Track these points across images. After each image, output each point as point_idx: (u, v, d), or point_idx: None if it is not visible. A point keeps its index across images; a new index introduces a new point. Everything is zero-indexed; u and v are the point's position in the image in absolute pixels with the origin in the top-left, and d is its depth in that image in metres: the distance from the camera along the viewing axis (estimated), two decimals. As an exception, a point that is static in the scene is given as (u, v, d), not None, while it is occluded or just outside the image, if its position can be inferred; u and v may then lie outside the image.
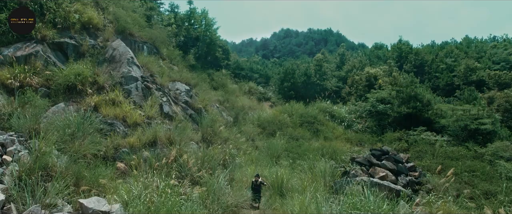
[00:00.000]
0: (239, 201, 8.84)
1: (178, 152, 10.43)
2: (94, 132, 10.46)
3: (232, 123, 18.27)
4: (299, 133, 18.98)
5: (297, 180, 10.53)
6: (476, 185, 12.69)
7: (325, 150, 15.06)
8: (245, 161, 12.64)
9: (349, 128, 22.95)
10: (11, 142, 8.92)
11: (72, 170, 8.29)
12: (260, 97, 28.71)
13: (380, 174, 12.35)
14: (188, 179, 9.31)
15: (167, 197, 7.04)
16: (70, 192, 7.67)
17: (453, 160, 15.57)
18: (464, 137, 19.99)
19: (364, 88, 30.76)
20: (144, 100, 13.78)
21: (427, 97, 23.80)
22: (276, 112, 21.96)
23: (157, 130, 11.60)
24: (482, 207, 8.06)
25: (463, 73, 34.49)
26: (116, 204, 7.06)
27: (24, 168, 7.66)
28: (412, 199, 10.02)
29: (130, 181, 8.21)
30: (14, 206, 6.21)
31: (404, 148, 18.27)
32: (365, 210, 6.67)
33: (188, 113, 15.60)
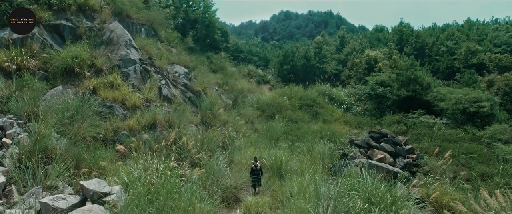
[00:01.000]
0: (238, 182, 8.93)
1: (177, 134, 10.45)
2: (93, 115, 10.45)
3: (231, 106, 18.26)
4: (298, 115, 19.01)
5: (296, 162, 10.62)
6: (473, 167, 12.83)
7: (324, 133, 15.13)
8: (244, 144, 12.70)
9: (348, 110, 22.99)
10: (10, 125, 8.92)
11: (72, 153, 8.33)
12: (259, 80, 28.60)
13: (379, 156, 12.45)
14: (188, 161, 9.37)
15: (167, 178, 7.10)
16: (70, 174, 7.73)
17: (451, 143, 15.69)
18: (463, 120, 20.07)
19: (364, 71, 30.63)
20: (142, 83, 13.71)
21: (427, 80, 23.75)
22: (275, 95, 21.93)
23: (156, 112, 11.59)
24: (478, 188, 8.16)
25: (463, 56, 34.27)
26: (117, 186, 7.13)
27: (24, 151, 7.68)
28: (410, 180, 10.14)
29: (130, 163, 8.27)
30: (15, 188, 6.27)
31: (403, 131, 18.37)
32: (363, 191, 6.75)
33: (187, 96, 15.57)
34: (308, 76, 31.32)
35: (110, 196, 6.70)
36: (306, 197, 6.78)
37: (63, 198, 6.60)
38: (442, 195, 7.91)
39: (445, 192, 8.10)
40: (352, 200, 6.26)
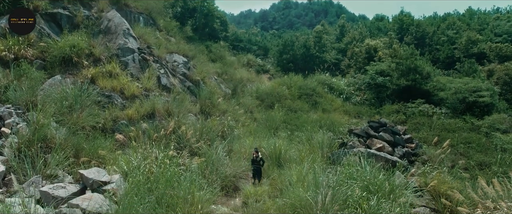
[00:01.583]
0: (237, 171, 8.97)
1: (177, 123, 10.46)
2: (92, 104, 10.43)
3: (231, 95, 18.23)
4: (298, 105, 19.00)
5: (295, 151, 10.65)
6: (471, 156, 12.90)
7: (323, 122, 15.15)
8: (244, 133, 12.73)
9: (347, 100, 22.97)
10: (9, 114, 8.91)
11: (71, 142, 8.34)
12: (258, 70, 28.46)
13: (377, 145, 12.49)
14: (187, 150, 9.39)
15: (166, 167, 7.12)
16: (70, 163, 7.76)
17: (449, 132, 15.73)
18: (462, 109, 20.08)
19: (364, 60, 30.47)
20: (141, 73, 13.65)
21: (427, 69, 23.66)
22: (275, 84, 21.87)
23: (155, 102, 11.57)
24: (476, 177, 8.20)
25: (464, 46, 34.07)
26: (116, 175, 7.16)
27: (23, 140, 7.69)
28: (408, 169, 10.19)
29: (129, 153, 8.28)
30: (15, 177, 6.28)
31: (402, 120, 18.39)
32: (361, 180, 6.79)
33: (186, 85, 15.52)
34: (308, 65, 31.15)
35: (109, 184, 6.74)
36: (305, 186, 6.82)
37: (63, 186, 6.63)
38: (440, 184, 7.95)
39: (443, 181, 8.14)
40: (351, 188, 6.30)
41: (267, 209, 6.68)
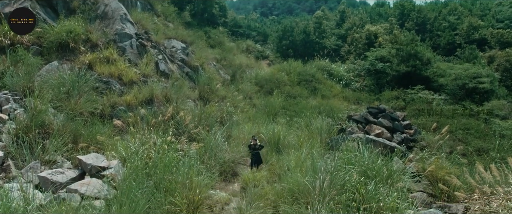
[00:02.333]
0: (236, 157, 8.99)
1: (175, 109, 10.42)
2: (90, 90, 10.36)
3: (230, 81, 18.14)
4: (297, 91, 18.94)
5: (293, 137, 10.65)
6: (470, 142, 12.95)
7: (322, 108, 15.13)
8: (243, 119, 12.71)
9: (347, 86, 22.90)
10: (6, 100, 8.86)
11: (69, 128, 8.31)
12: (258, 56, 28.24)
13: (376, 131, 12.50)
14: (185, 136, 9.39)
15: (165, 153, 7.12)
16: (68, 149, 7.75)
17: (448, 118, 15.74)
18: (462, 95, 20.06)
19: (364, 46, 30.26)
20: (139, 58, 13.53)
21: (427, 55, 23.52)
22: (274, 70, 21.76)
23: (153, 88, 11.50)
24: (474, 163, 8.22)
25: (465, 32, 33.78)
26: (115, 160, 7.16)
27: (20, 126, 7.66)
28: (406, 155, 10.22)
29: (127, 138, 8.28)
30: (13, 163, 6.29)
31: (401, 107, 18.38)
32: (359, 165, 6.80)
33: (184, 71, 15.42)
34: (307, 51, 30.91)
35: (108, 170, 6.74)
36: (303, 171, 6.83)
37: (62, 172, 6.64)
38: (437, 170, 7.98)
39: (441, 167, 8.16)
40: (348, 173, 6.31)
41: (265, 194, 6.72)
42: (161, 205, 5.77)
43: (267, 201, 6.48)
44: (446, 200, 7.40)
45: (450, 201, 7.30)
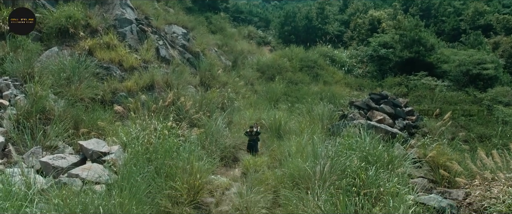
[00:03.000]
0: (237, 142, 9.00)
1: (176, 95, 10.39)
2: (90, 76, 10.33)
3: (231, 67, 18.02)
4: (299, 77, 18.82)
5: (295, 122, 10.63)
6: (472, 129, 12.88)
7: (324, 94, 15.05)
8: (244, 105, 12.68)
9: (349, 72, 22.73)
10: (6, 86, 8.85)
11: (70, 114, 8.32)
12: (259, 42, 27.97)
13: (378, 117, 12.45)
14: (186, 122, 9.39)
15: (165, 138, 7.13)
16: (69, 134, 7.77)
17: (451, 105, 15.64)
18: (465, 82, 19.87)
19: (367, 32, 29.87)
20: (139, 44, 13.42)
21: (431, 41, 23.21)
22: (276, 56, 21.57)
23: (154, 73, 11.44)
24: (476, 149, 8.18)
25: (470, 17, 33.23)
26: (115, 146, 7.18)
27: (21, 112, 7.67)
28: (408, 141, 10.19)
29: (128, 124, 8.28)
30: (14, 148, 6.31)
31: (404, 93, 18.26)
32: (360, 151, 6.78)
33: (185, 57, 15.31)
34: (310, 37, 30.56)
35: (109, 155, 6.77)
36: (304, 157, 6.83)
37: (63, 157, 6.67)
38: (439, 156, 7.95)
39: (442, 153, 8.13)
40: (349, 159, 6.30)
41: (266, 179, 6.74)
42: (162, 189, 5.80)
43: (268, 186, 6.50)
44: (446, 186, 7.40)
45: (451, 187, 7.29)
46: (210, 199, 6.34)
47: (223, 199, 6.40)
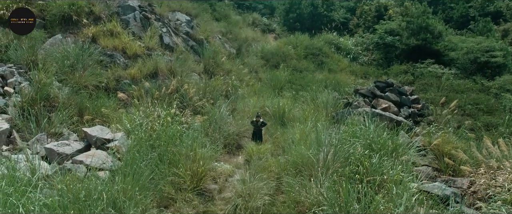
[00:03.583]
0: (240, 130, 8.98)
1: (179, 82, 10.36)
2: (94, 64, 10.33)
3: (235, 55, 17.89)
4: (303, 65, 18.64)
5: (299, 110, 10.59)
6: (478, 117, 12.75)
7: (329, 82, 14.92)
8: (248, 93, 12.62)
9: (354, 60, 22.47)
10: (11, 73, 8.88)
11: (74, 101, 8.36)
12: (264, 29, 27.66)
13: (383, 105, 12.35)
14: (190, 109, 9.38)
15: (169, 125, 7.13)
16: (74, 121, 7.82)
17: (458, 93, 15.45)
18: (473, 70, 19.55)
19: (373, 19, 29.40)
20: (143, 31, 13.35)
21: (439, 28, 22.76)
22: (281, 44, 21.35)
23: (157, 61, 11.40)
24: (482, 138, 8.09)
25: (479, 4, 32.51)
26: (119, 133, 7.21)
27: (26, 99, 7.71)
28: (413, 129, 10.11)
29: (132, 111, 8.29)
30: (18, 135, 6.36)
31: (410, 81, 18.05)
32: (364, 138, 6.74)
33: (189, 44, 15.21)
34: (315, 25, 30.18)
35: (113, 142, 6.81)
36: (307, 144, 6.80)
37: (68, 144, 6.72)
38: (444, 144, 7.89)
39: (447, 141, 8.06)
40: (353, 146, 6.26)
41: (269, 166, 6.74)
42: (165, 176, 5.83)
43: (271, 173, 6.51)
44: (451, 174, 7.36)
45: (456, 175, 7.25)
46: (213, 186, 6.36)
47: (226, 185, 6.42)
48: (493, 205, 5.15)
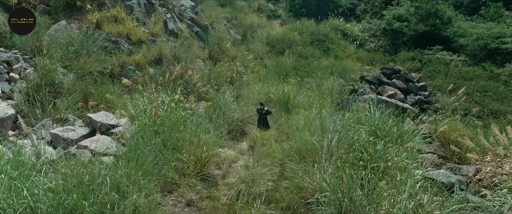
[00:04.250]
0: (244, 116, 8.97)
1: (184, 68, 10.32)
2: (99, 50, 10.32)
3: (240, 41, 17.73)
4: (309, 51, 18.42)
5: (304, 97, 10.52)
6: (486, 105, 12.55)
7: (335, 69, 14.75)
8: (253, 79, 12.55)
9: (361, 47, 22.14)
10: (16, 59, 8.91)
11: (79, 87, 8.39)
12: (270, 15, 27.29)
13: (389, 92, 12.20)
14: (194, 95, 9.37)
15: (173, 111, 7.13)
16: (79, 107, 7.86)
17: (466, 80, 15.20)
18: (482, 56, 19.15)
19: (381, 4, 28.81)
20: (147, 17, 13.25)
21: (448, 14, 22.25)
22: (286, 30, 21.08)
23: (162, 47, 11.35)
24: (489, 125, 7.97)
25: (491, -12, 31.64)
26: (124, 118, 7.24)
27: (31, 85, 7.74)
28: (419, 117, 10.00)
29: (136, 97, 8.30)
30: (23, 121, 6.41)
31: (417, 68, 17.78)
32: (369, 125, 6.67)
33: (194, 30, 15.09)
34: (321, 10, 29.69)
35: (117, 127, 6.84)
36: (312, 130, 6.77)
37: (73, 129, 6.78)
38: (450, 131, 7.79)
39: (454, 129, 7.96)
40: (357, 133, 6.21)
41: (272, 153, 6.74)
42: (169, 161, 5.86)
43: (274, 159, 6.50)
44: (457, 162, 7.29)
45: (462, 163, 7.19)
46: (217, 171, 6.39)
47: (229, 171, 6.45)
48: (499, 193, 5.09)
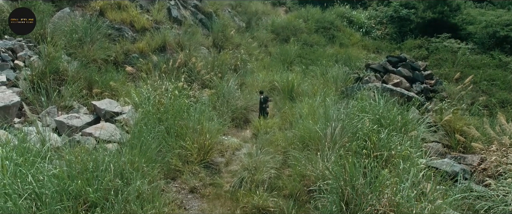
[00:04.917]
0: (248, 104, 8.95)
1: (188, 56, 10.28)
2: (102, 37, 10.30)
3: (245, 29, 17.58)
4: (314, 39, 18.22)
5: (308, 85, 10.45)
6: (494, 94, 12.40)
7: (340, 56, 14.60)
8: (257, 67, 12.48)
9: (367, 34, 21.81)
10: (20, 47, 8.93)
11: (83, 74, 8.42)
12: (274, 2, 26.93)
13: (394, 80, 12.09)
14: (198, 83, 9.35)
15: (176, 99, 7.14)
16: (83, 94, 7.90)
17: (474, 69, 14.98)
18: (491, 45, 18.79)
19: (389, -9, 28.29)
20: (151, 4, 13.15)
21: (457, 1, 21.80)
22: (291, 17, 20.82)
23: (165, 34, 11.29)
24: (496, 115, 7.88)
25: (502, -26, 30.85)
26: (128, 106, 7.26)
27: (36, 72, 7.77)
28: (424, 105, 9.90)
29: (140, 85, 8.31)
30: (28, 108, 6.46)
31: (424, 56, 17.52)
32: (373, 113, 6.63)
33: (198, 18, 14.98)
34: (327, -3, 29.28)
35: (121, 115, 6.87)
36: (315, 119, 6.74)
37: (77, 117, 6.82)
38: (456, 120, 7.71)
39: (459, 118, 7.88)
40: (361, 121, 6.17)
41: (276, 140, 6.74)
42: (172, 149, 5.89)
43: (278, 147, 6.51)
44: (462, 151, 7.24)
45: (467, 152, 7.13)
46: (220, 159, 6.42)
47: (233, 159, 6.47)
48: (503, 182, 5.06)
